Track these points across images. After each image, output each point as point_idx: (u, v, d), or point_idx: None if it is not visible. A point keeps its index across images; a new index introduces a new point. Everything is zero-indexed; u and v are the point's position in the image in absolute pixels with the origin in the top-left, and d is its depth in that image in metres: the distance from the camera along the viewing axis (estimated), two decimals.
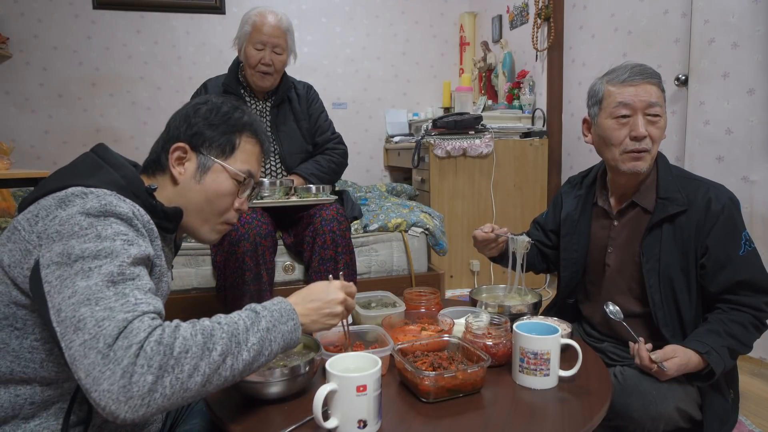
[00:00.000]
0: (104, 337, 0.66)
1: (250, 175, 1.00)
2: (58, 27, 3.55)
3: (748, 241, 1.23)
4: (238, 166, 0.98)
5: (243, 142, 0.99)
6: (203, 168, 0.96)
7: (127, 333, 0.67)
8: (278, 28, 1.98)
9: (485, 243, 1.43)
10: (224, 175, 0.97)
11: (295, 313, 0.86)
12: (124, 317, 0.68)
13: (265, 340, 0.79)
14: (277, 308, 0.84)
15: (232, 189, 0.98)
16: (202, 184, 0.96)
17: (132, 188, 0.87)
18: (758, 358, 2.06)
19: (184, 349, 0.69)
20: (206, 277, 2.02)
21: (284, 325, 0.83)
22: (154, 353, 0.67)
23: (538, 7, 3.24)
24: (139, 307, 0.70)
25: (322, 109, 2.21)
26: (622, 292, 1.34)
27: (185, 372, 0.69)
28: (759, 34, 2.02)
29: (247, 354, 0.76)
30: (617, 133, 1.25)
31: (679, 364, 1.13)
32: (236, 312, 0.81)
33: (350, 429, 0.82)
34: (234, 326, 0.77)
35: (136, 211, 0.82)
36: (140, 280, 0.75)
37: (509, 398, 0.98)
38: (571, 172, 3.09)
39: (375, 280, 2.18)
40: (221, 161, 0.96)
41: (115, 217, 0.78)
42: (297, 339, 0.86)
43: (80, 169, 0.87)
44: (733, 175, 2.12)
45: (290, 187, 1.96)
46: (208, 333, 0.73)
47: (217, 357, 0.72)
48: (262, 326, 0.80)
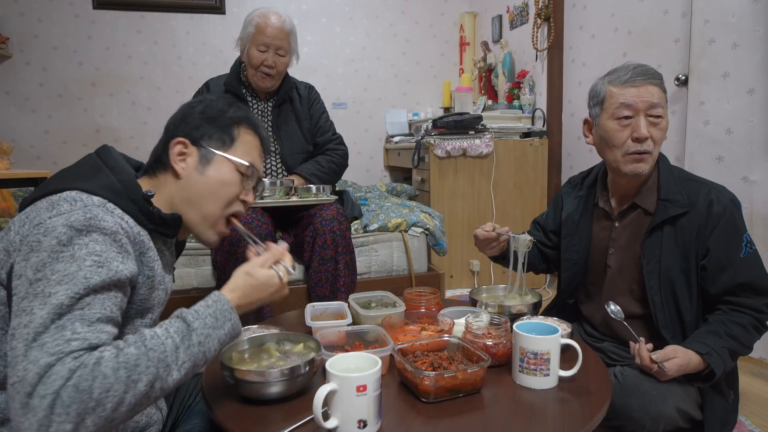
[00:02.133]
0: (25, 385, 0.66)
1: (252, 165, 0.99)
2: (58, 27, 3.55)
3: (749, 243, 1.22)
4: (239, 156, 0.97)
5: (242, 133, 0.99)
6: (205, 161, 0.95)
7: (46, 379, 0.66)
8: (281, 30, 1.97)
9: (486, 242, 1.42)
10: (227, 166, 0.96)
11: (232, 312, 0.85)
12: (47, 362, 0.67)
13: (198, 354, 0.79)
14: (212, 312, 0.83)
15: (236, 179, 0.97)
16: (206, 176, 0.95)
17: (128, 193, 0.87)
18: (758, 359, 2.06)
19: (104, 389, 0.68)
20: (206, 277, 2.02)
21: (220, 329, 0.82)
22: (71, 401, 0.66)
23: (538, 7, 3.24)
24: (70, 345, 0.69)
25: (323, 110, 2.21)
26: (622, 293, 1.34)
27: (108, 409, 0.68)
28: (759, 34, 2.02)
29: (177, 373, 0.76)
30: (619, 134, 1.24)
31: (680, 365, 1.13)
32: (166, 323, 0.79)
33: (350, 429, 0.82)
34: (161, 349, 0.75)
35: (123, 224, 0.82)
36: (91, 309, 0.73)
37: (509, 398, 0.98)
38: (571, 172, 3.09)
39: (375, 280, 2.18)
40: (222, 152, 0.96)
41: (99, 233, 0.77)
42: (238, 332, 0.87)
43: (81, 171, 0.87)
44: (733, 175, 2.12)
45: (290, 187, 1.96)
46: (131, 365, 0.71)
47: (142, 387, 0.72)
48: (194, 341, 0.79)
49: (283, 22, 1.99)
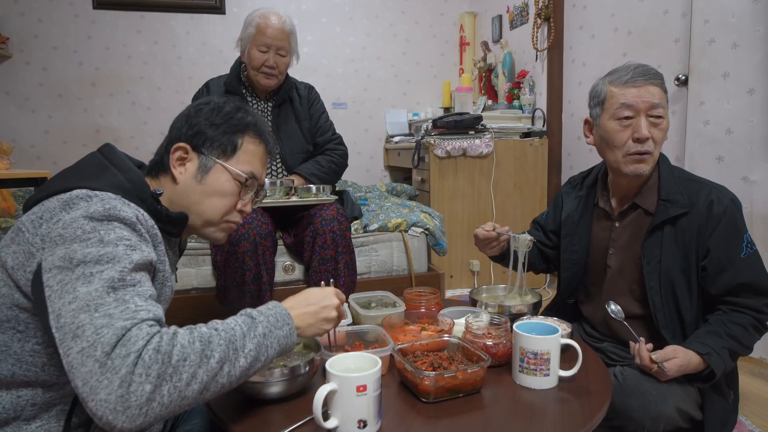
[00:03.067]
0: (102, 345, 0.66)
1: (252, 176, 0.99)
2: (58, 27, 3.55)
3: (750, 243, 1.22)
4: (240, 166, 0.97)
5: (245, 142, 0.98)
6: (204, 168, 0.95)
7: (125, 341, 0.66)
8: (282, 30, 1.98)
9: (486, 241, 1.42)
10: (225, 176, 0.96)
11: (290, 318, 0.85)
12: (123, 325, 0.67)
13: (262, 346, 0.79)
14: (273, 313, 0.84)
15: (234, 190, 0.97)
16: (203, 184, 0.95)
17: (137, 192, 0.86)
18: (758, 358, 2.06)
19: (182, 357, 0.69)
20: (206, 277, 2.01)
21: (280, 330, 0.83)
22: (152, 362, 0.66)
23: (538, 7, 3.24)
24: (139, 315, 0.70)
25: (323, 110, 2.22)
26: (622, 294, 1.34)
27: (183, 380, 0.69)
28: (759, 34, 2.02)
29: (244, 360, 0.76)
30: (620, 134, 1.24)
31: (680, 365, 1.13)
32: (232, 317, 0.81)
33: (350, 429, 0.82)
34: (231, 333, 0.76)
35: (140, 215, 0.82)
36: (141, 286, 0.74)
37: (509, 398, 0.98)
38: (571, 172, 3.09)
39: (375, 280, 2.18)
40: (222, 161, 0.96)
41: (119, 222, 0.77)
42: (292, 344, 0.86)
43: (86, 170, 0.86)
44: (733, 175, 2.12)
45: (290, 187, 1.96)
46: (206, 340, 0.73)
47: (215, 364, 0.72)
48: (259, 332, 0.79)
49: (283, 22, 1.99)
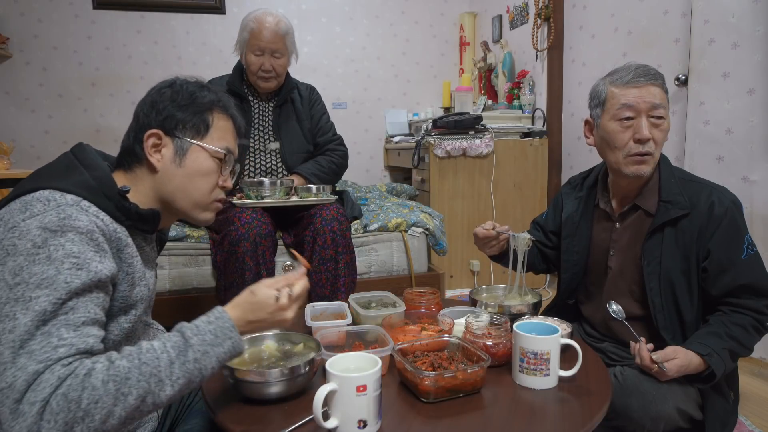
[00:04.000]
0: (14, 391, 0.67)
1: (229, 151, 0.98)
2: (58, 27, 3.54)
3: (751, 244, 1.22)
4: (215, 143, 0.96)
5: (215, 119, 0.97)
6: (181, 151, 0.94)
7: (35, 387, 0.67)
8: (276, 33, 1.97)
9: (486, 240, 1.42)
10: (203, 155, 0.95)
11: (233, 330, 0.83)
12: (35, 369, 0.68)
13: (194, 370, 0.78)
14: (212, 329, 0.82)
15: (214, 167, 0.96)
16: (184, 167, 0.94)
17: (104, 190, 0.86)
18: (758, 358, 2.06)
19: (93, 400, 0.69)
20: (206, 277, 2.01)
21: (219, 347, 0.81)
22: (59, 409, 0.67)
23: (538, 7, 3.24)
24: (57, 353, 0.70)
25: (324, 111, 2.22)
26: (623, 295, 1.33)
27: (97, 420, 0.69)
28: (759, 34, 2.02)
29: (171, 389, 0.76)
30: (621, 135, 1.24)
31: (680, 366, 1.13)
32: (165, 337, 0.80)
33: (350, 429, 0.82)
34: (155, 364, 0.75)
35: (98, 222, 0.81)
36: (75, 313, 0.74)
37: (509, 398, 0.98)
38: (571, 172, 3.09)
39: (375, 280, 2.18)
40: (198, 141, 0.95)
41: (74, 232, 0.77)
42: (240, 351, 0.85)
43: (55, 170, 0.87)
44: (733, 175, 2.12)
45: (291, 187, 1.96)
46: (122, 378, 0.71)
47: (132, 401, 0.72)
48: (190, 358, 0.78)
49: (277, 23, 1.98)
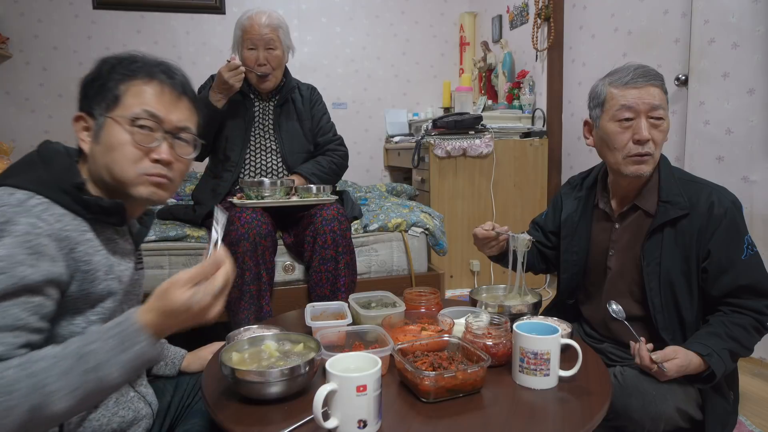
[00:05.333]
0: None
1: (145, 115, 0.90)
2: (58, 27, 3.54)
3: (751, 245, 1.22)
4: (124, 111, 0.90)
5: (130, 86, 0.92)
6: (98, 128, 0.91)
7: None
8: (267, 26, 2.00)
9: (485, 241, 1.42)
10: (116, 127, 0.90)
11: (140, 334, 0.75)
12: None
13: (93, 380, 0.72)
14: (117, 332, 0.75)
15: (127, 138, 0.90)
16: (101, 143, 0.91)
17: (60, 184, 0.85)
18: (758, 358, 2.06)
19: None
20: None
21: (123, 354, 0.74)
22: None
23: (538, 7, 3.24)
24: None
25: (324, 111, 2.23)
26: (622, 295, 1.33)
27: None
28: (759, 34, 2.02)
29: (67, 401, 0.70)
30: (620, 136, 1.24)
31: (680, 366, 1.13)
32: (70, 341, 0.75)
33: (350, 429, 0.82)
34: (45, 375, 0.70)
35: (41, 222, 0.79)
36: None
37: (509, 398, 0.98)
38: (571, 172, 3.09)
39: (375, 280, 2.17)
40: (110, 114, 0.90)
41: (10, 236, 0.76)
42: (151, 358, 0.77)
43: (15, 167, 0.88)
44: (733, 175, 2.12)
45: (291, 187, 1.96)
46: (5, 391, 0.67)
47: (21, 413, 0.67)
48: (89, 366, 0.72)
49: (268, 16, 2.02)
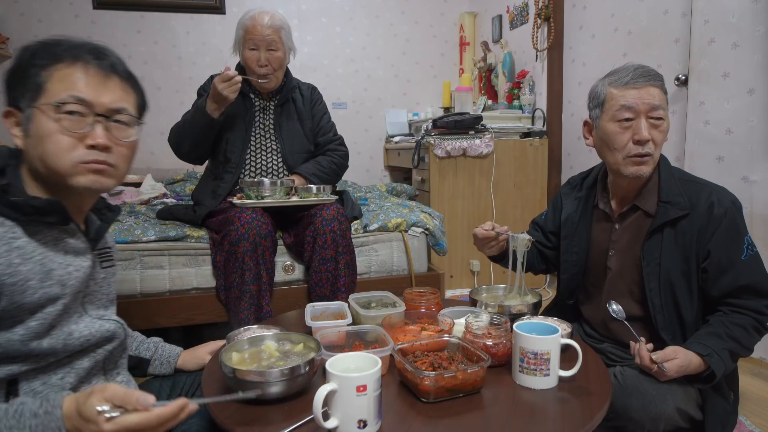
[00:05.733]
0: None
1: (72, 99, 0.86)
2: (58, 27, 3.54)
3: (751, 245, 1.22)
4: (49, 99, 0.86)
5: (53, 72, 0.88)
6: (27, 121, 0.88)
7: None
8: (270, 26, 1.99)
9: (485, 241, 1.42)
10: (43, 117, 0.86)
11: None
12: None
13: None
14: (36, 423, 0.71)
15: (55, 126, 0.86)
16: (31, 136, 0.87)
17: None
18: (758, 358, 2.06)
19: None
20: (206, 277, 2.01)
21: None
22: None
23: (538, 7, 3.24)
24: None
25: (325, 111, 2.23)
26: (622, 295, 1.33)
27: None
28: (759, 34, 2.02)
29: None
30: (620, 137, 1.24)
31: (680, 366, 1.13)
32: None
33: (350, 429, 0.82)
34: None
35: None
36: None
37: (509, 398, 0.98)
38: (571, 172, 3.09)
39: (375, 280, 2.17)
40: (34, 104, 0.87)
41: None
42: None
43: None
44: (733, 175, 2.12)
45: (291, 187, 1.96)
46: None
47: None
48: None
49: (271, 17, 2.01)
